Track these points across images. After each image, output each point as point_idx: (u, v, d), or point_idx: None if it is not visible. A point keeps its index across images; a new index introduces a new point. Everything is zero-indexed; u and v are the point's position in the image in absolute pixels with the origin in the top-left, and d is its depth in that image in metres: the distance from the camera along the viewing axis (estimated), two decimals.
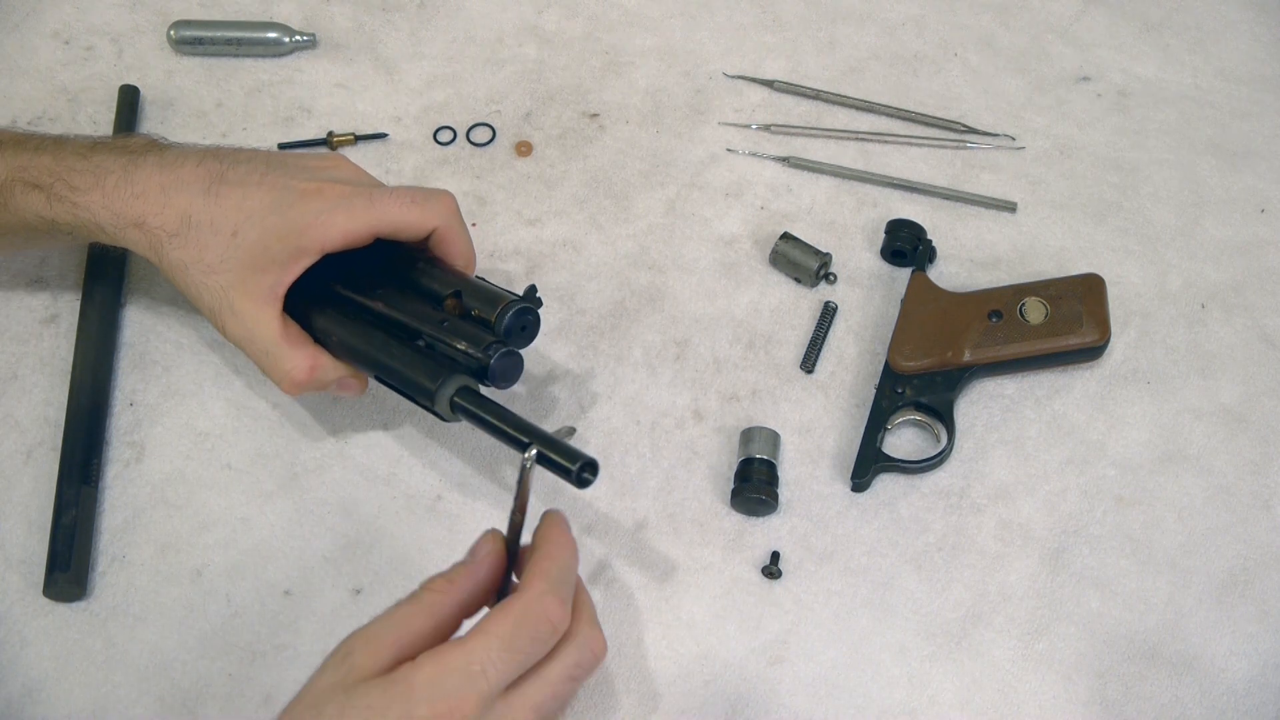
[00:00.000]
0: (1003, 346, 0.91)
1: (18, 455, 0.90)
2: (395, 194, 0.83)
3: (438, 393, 0.79)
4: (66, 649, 0.83)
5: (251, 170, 0.83)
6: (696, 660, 0.83)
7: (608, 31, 1.12)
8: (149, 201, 0.82)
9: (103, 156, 0.84)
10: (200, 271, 0.82)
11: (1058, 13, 1.13)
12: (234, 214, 0.81)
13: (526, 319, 0.83)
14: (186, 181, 0.82)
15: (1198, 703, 0.82)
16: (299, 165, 0.85)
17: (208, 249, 0.81)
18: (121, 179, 0.83)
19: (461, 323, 0.82)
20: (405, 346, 0.81)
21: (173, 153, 0.85)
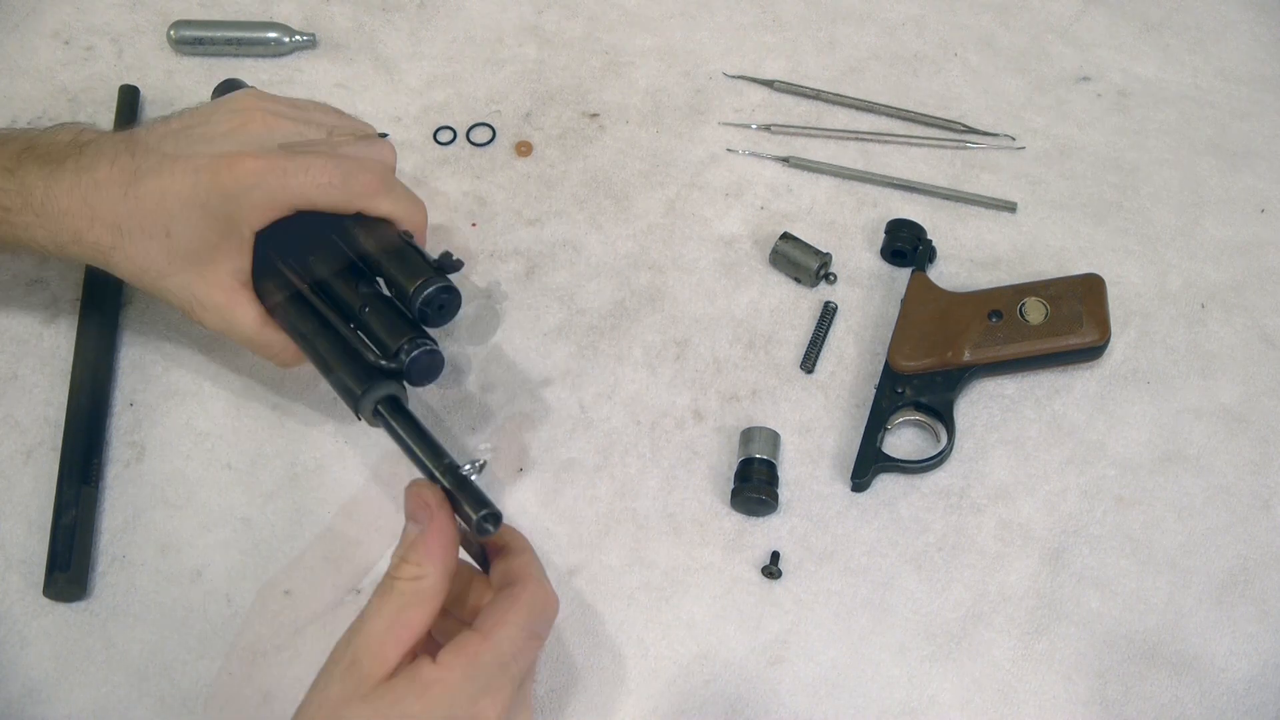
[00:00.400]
0: (1003, 346, 0.91)
1: (18, 455, 0.90)
2: (311, 171, 0.79)
3: (362, 399, 0.78)
4: (66, 649, 0.83)
5: (163, 158, 0.79)
6: (696, 660, 0.83)
7: (608, 31, 1.12)
8: (76, 217, 0.80)
9: (27, 171, 0.81)
10: (154, 278, 0.81)
11: (1058, 13, 1.13)
12: (159, 214, 0.79)
13: (442, 298, 0.80)
14: (103, 185, 0.79)
15: (1198, 703, 0.82)
16: (208, 137, 0.80)
17: (150, 256, 0.80)
18: (45, 196, 0.80)
19: (382, 307, 0.80)
20: (334, 340, 0.80)
21: (89, 154, 0.81)
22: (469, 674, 0.66)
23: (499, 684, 0.67)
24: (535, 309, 0.97)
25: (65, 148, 0.82)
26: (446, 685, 0.66)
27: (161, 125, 0.83)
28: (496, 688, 0.67)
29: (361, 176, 0.81)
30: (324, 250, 0.83)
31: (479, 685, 0.66)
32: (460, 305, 0.82)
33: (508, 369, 0.94)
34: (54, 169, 0.81)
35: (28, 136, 0.84)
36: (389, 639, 0.67)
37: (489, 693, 0.66)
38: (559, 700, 0.82)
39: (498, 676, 0.67)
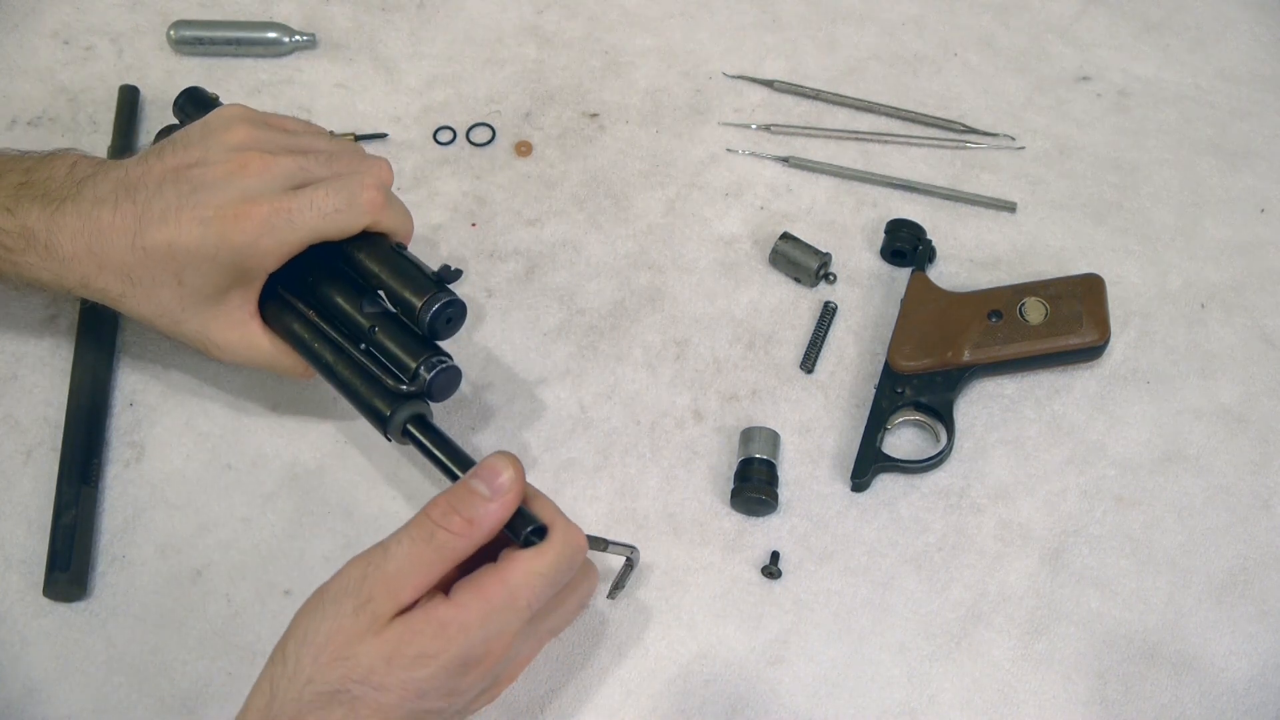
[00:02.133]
0: (1003, 346, 0.91)
1: (18, 455, 0.90)
2: (316, 204, 0.79)
3: (390, 420, 0.79)
4: (66, 649, 0.83)
5: (166, 207, 0.79)
6: (696, 660, 0.83)
7: (608, 32, 1.12)
8: (82, 264, 0.80)
9: (26, 211, 0.80)
10: (168, 323, 0.82)
11: (1058, 13, 1.13)
12: (169, 264, 0.79)
13: (449, 312, 0.80)
14: (108, 234, 0.79)
15: (1197, 703, 0.82)
16: (209, 184, 0.80)
17: (163, 303, 0.81)
18: (49, 240, 0.80)
19: (391, 326, 0.81)
20: (352, 364, 0.81)
21: (87, 196, 0.80)
22: (483, 616, 0.67)
23: (511, 623, 0.68)
24: (535, 309, 0.97)
25: (62, 184, 0.81)
26: (462, 625, 0.67)
27: (157, 163, 0.81)
28: (509, 626, 0.68)
29: (365, 195, 0.81)
30: (323, 272, 0.83)
31: (493, 626, 0.68)
32: (466, 315, 0.82)
33: (507, 369, 0.94)
34: (54, 211, 0.80)
35: (23, 168, 0.83)
36: (408, 585, 0.68)
37: (502, 632, 0.68)
38: (559, 700, 0.82)
39: (510, 618, 0.68)
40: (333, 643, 0.67)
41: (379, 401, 0.80)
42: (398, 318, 0.81)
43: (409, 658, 0.66)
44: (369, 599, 0.67)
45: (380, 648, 0.66)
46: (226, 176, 0.80)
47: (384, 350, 0.80)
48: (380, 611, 0.67)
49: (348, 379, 0.81)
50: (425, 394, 0.80)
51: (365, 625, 0.67)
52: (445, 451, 0.78)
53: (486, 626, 0.67)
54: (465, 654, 0.67)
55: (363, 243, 0.82)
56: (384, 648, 0.66)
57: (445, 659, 0.67)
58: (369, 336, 0.81)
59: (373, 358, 0.81)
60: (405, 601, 0.68)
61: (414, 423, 0.80)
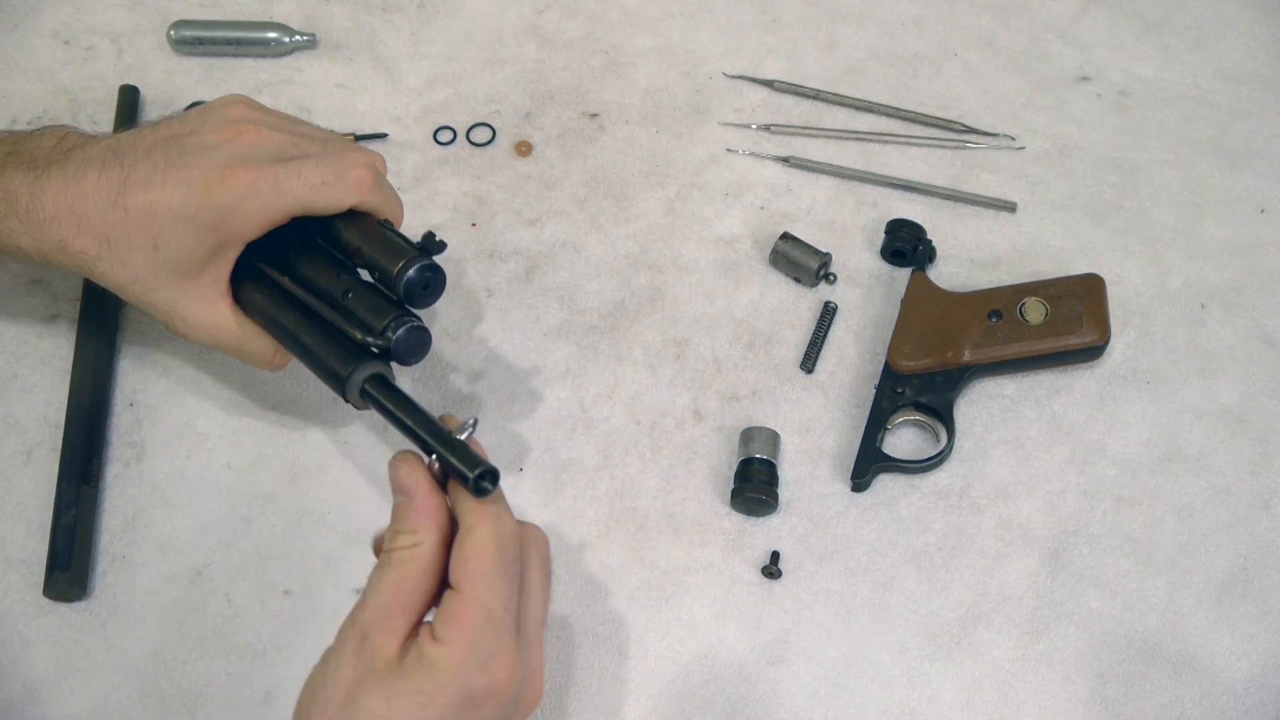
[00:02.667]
0: (1003, 346, 0.91)
1: (18, 455, 0.90)
2: (304, 174, 0.78)
3: (348, 381, 0.76)
4: (67, 649, 0.83)
5: (153, 169, 0.79)
6: (696, 660, 0.83)
7: (608, 32, 1.12)
8: (63, 225, 0.79)
9: (10, 176, 0.79)
10: (139, 291, 0.81)
11: (1058, 13, 1.13)
12: (148, 226, 0.78)
13: (427, 277, 0.78)
14: (90, 195, 0.79)
15: (1197, 703, 0.82)
16: (198, 145, 0.80)
17: (136, 269, 0.80)
18: (31, 202, 0.79)
19: (365, 291, 0.78)
20: (317, 328, 0.79)
21: (75, 160, 0.80)
22: (470, 644, 0.66)
23: (501, 642, 0.66)
24: (535, 309, 0.97)
25: (50, 152, 0.81)
26: (451, 660, 0.65)
27: (150, 133, 0.81)
28: (500, 647, 0.66)
29: (355, 171, 0.80)
30: (303, 245, 0.82)
31: (482, 653, 0.66)
32: (445, 285, 0.80)
33: (508, 369, 0.94)
34: (39, 175, 0.80)
35: (12, 140, 0.83)
36: (394, 611, 0.67)
37: (495, 653, 0.66)
38: (559, 700, 0.82)
39: (498, 637, 0.66)
40: (337, 692, 0.66)
41: (338, 363, 0.77)
42: (374, 285, 0.79)
43: (409, 697, 0.65)
44: (364, 637, 0.66)
45: (380, 689, 0.65)
46: (218, 144, 0.79)
47: (354, 315, 0.77)
48: (376, 647, 0.66)
49: (308, 342, 0.79)
50: (391, 353, 0.77)
51: (366, 667, 0.66)
52: (407, 412, 0.74)
53: (475, 653, 0.66)
54: (465, 688, 0.65)
55: (348, 219, 0.80)
56: (384, 689, 0.65)
57: (447, 696, 0.65)
58: (341, 301, 0.78)
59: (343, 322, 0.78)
60: (400, 631, 0.67)
61: (373, 383, 0.76)
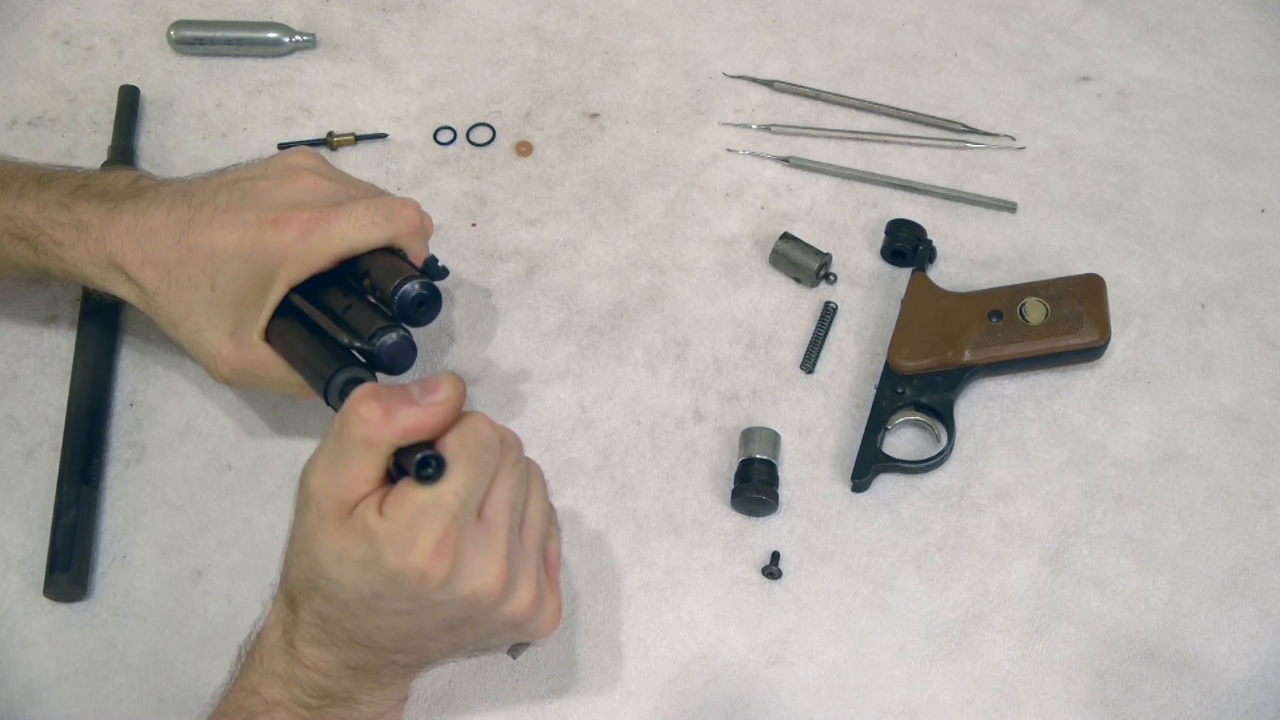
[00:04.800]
0: (1003, 347, 0.91)
1: (18, 455, 0.90)
2: (354, 218, 0.81)
3: (328, 385, 0.77)
4: (67, 649, 0.83)
5: (215, 211, 0.82)
6: (696, 660, 0.84)
7: (608, 32, 1.12)
8: (127, 256, 0.82)
9: (83, 207, 0.83)
10: (190, 329, 0.83)
11: (1058, 13, 1.13)
12: (207, 265, 0.81)
13: (422, 296, 0.80)
14: (158, 231, 0.82)
15: (1198, 703, 0.82)
16: (259, 193, 0.82)
17: (194, 306, 0.82)
18: (101, 232, 0.82)
19: (363, 308, 0.80)
20: (314, 342, 0.80)
21: (147, 198, 0.83)
22: (411, 523, 0.66)
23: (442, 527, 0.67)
24: (535, 309, 0.97)
25: (124, 189, 0.84)
26: (383, 533, 0.66)
27: (218, 177, 0.85)
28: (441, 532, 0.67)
29: (404, 211, 0.82)
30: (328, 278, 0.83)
31: (421, 534, 0.66)
32: (441, 307, 0.81)
33: (508, 369, 0.94)
34: (112, 208, 0.83)
35: (80, 174, 0.86)
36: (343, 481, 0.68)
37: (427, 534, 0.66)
38: (559, 700, 0.82)
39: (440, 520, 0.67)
40: (297, 538, 0.70)
41: (323, 366, 0.78)
42: (373, 302, 0.81)
43: (353, 561, 0.67)
44: (309, 498, 0.69)
45: (330, 544, 0.68)
46: (277, 188, 0.83)
47: (348, 325, 0.79)
48: (324, 510, 0.68)
49: (301, 350, 0.80)
50: (376, 359, 0.78)
51: (315, 524, 0.68)
52: None
53: (415, 529, 0.66)
54: (397, 564, 0.66)
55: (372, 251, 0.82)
56: (333, 546, 0.68)
57: (381, 568, 0.67)
58: (341, 315, 0.80)
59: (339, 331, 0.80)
60: (348, 498, 0.68)
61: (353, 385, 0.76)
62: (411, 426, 0.68)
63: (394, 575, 0.67)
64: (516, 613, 0.71)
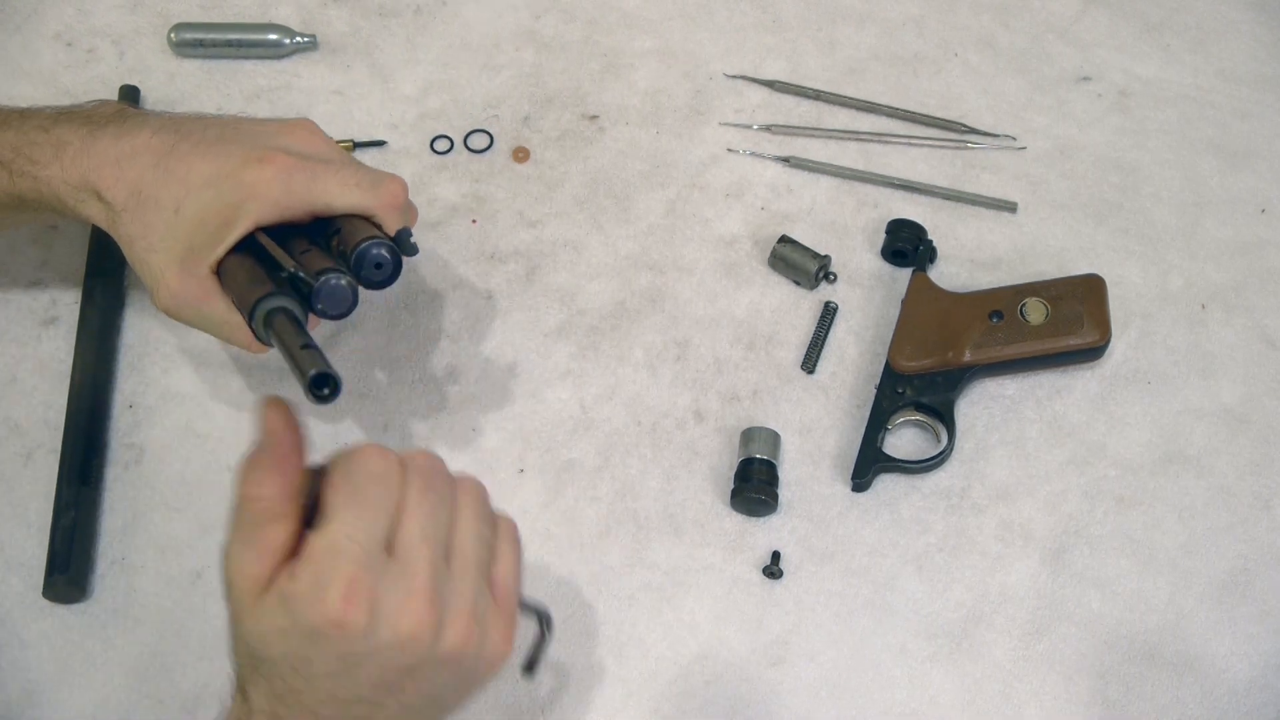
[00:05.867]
0: (1003, 347, 0.91)
1: (17, 457, 0.90)
2: (341, 175, 0.80)
3: (254, 309, 0.76)
4: (66, 651, 0.83)
5: (202, 140, 0.81)
6: (697, 660, 0.83)
7: (606, 34, 1.11)
8: (104, 174, 0.81)
9: (64, 128, 0.82)
10: (143, 248, 0.81)
11: (1058, 13, 1.13)
12: (178, 188, 0.80)
13: (381, 256, 0.79)
14: (139, 152, 0.81)
15: (1198, 703, 0.82)
16: (253, 132, 0.82)
17: (152, 226, 0.80)
18: (80, 151, 0.81)
19: (321, 254, 0.79)
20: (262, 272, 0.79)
21: (132, 121, 0.83)
22: (314, 579, 0.63)
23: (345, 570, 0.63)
24: (536, 310, 0.97)
25: (108, 116, 0.84)
26: (298, 598, 0.63)
27: (214, 117, 0.85)
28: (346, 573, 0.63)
29: (390, 187, 0.82)
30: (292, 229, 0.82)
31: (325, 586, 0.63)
32: (398, 277, 0.79)
33: (508, 370, 0.94)
34: (95, 129, 0.82)
35: (64, 106, 0.86)
36: (250, 559, 0.65)
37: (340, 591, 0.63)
38: (559, 700, 0.82)
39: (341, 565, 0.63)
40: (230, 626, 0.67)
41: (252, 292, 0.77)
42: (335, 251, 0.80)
43: (275, 631, 0.64)
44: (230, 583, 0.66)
45: (254, 627, 0.65)
46: (272, 133, 0.82)
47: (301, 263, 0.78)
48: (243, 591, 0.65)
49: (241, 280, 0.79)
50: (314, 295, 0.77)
51: (237, 607, 0.66)
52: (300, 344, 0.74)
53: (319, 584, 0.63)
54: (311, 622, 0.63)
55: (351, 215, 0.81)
56: (255, 625, 0.65)
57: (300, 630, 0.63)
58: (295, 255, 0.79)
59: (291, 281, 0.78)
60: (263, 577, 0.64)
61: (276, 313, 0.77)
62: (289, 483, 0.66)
63: (313, 634, 0.63)
64: (453, 649, 0.66)
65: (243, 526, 0.66)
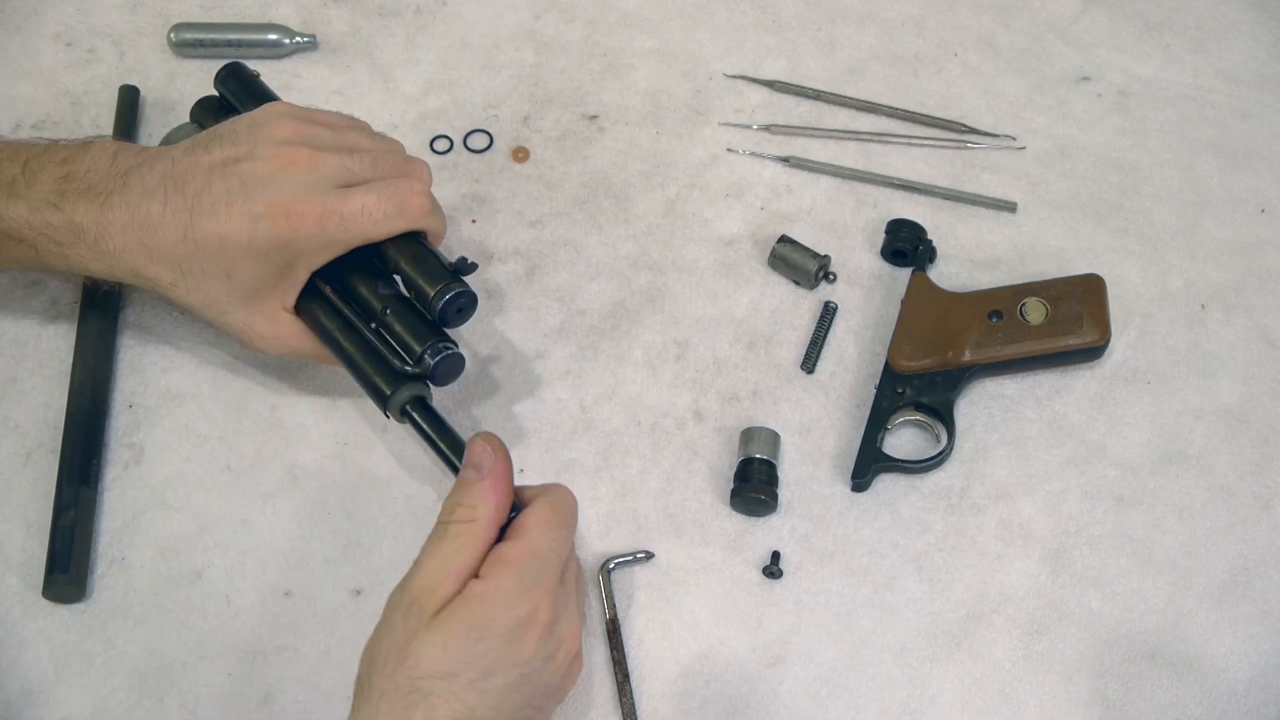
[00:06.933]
0: (1003, 347, 0.91)
1: (17, 457, 0.90)
2: (367, 210, 0.81)
3: (390, 399, 0.82)
4: (66, 651, 0.83)
5: (216, 201, 0.80)
6: (697, 660, 0.83)
7: (606, 34, 1.11)
8: (133, 256, 0.82)
9: (73, 207, 0.81)
10: (215, 314, 0.84)
11: (1058, 13, 1.13)
12: (219, 258, 0.81)
13: (460, 302, 0.83)
14: (158, 228, 0.81)
15: (1198, 703, 0.82)
16: (254, 175, 0.81)
17: (211, 295, 0.83)
18: (98, 233, 0.81)
19: (403, 312, 0.83)
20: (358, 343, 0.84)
21: (134, 189, 0.82)
22: (515, 575, 0.70)
23: (544, 575, 0.71)
24: (535, 310, 0.97)
25: (106, 177, 0.82)
26: (500, 590, 0.69)
27: (204, 155, 0.82)
28: (543, 579, 0.71)
29: (414, 200, 0.83)
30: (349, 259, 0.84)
31: (527, 582, 0.70)
32: (476, 306, 0.85)
33: (508, 370, 0.94)
34: (101, 204, 0.82)
35: (59, 159, 0.83)
36: (444, 578, 0.70)
37: (538, 585, 0.71)
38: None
39: (540, 570, 0.71)
40: (393, 653, 0.69)
41: (381, 380, 0.82)
42: (410, 302, 0.84)
43: (462, 637, 0.68)
44: (413, 602, 0.70)
45: (433, 637, 0.68)
46: (275, 173, 0.82)
47: (393, 332, 0.83)
48: (424, 609, 0.69)
49: (355, 357, 0.84)
50: (428, 377, 0.82)
51: (414, 625, 0.69)
52: (440, 434, 0.82)
53: (521, 582, 0.70)
54: (512, 616, 0.69)
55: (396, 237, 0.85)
56: (437, 635, 0.68)
57: (496, 626, 0.69)
58: (380, 317, 0.83)
59: (382, 338, 0.84)
60: (446, 594, 0.70)
61: (414, 404, 0.83)
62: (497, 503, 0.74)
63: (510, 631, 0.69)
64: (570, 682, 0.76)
65: (446, 547, 0.72)
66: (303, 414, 0.92)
